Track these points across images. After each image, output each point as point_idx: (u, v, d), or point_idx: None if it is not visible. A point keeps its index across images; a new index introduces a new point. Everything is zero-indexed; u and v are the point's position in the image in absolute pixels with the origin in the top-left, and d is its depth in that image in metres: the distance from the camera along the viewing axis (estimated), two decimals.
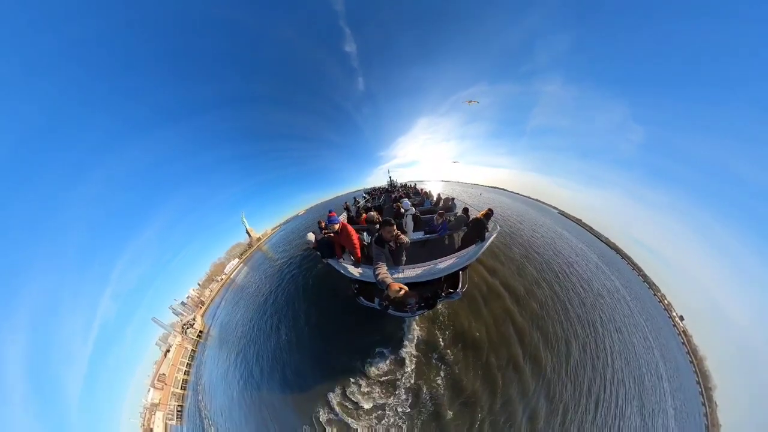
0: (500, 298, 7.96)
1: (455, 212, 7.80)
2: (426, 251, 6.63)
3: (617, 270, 14.65)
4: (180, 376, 20.63)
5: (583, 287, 9.70)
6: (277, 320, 10.35)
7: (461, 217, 6.14)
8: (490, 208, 5.17)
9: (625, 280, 13.56)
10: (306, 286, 11.97)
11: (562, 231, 19.00)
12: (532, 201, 50.32)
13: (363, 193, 21.58)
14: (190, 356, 22.37)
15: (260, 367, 8.63)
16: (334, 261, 5.22)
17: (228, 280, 41.50)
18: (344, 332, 7.96)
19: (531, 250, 11.83)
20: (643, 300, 12.47)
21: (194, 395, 12.74)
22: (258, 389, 7.89)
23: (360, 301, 6.01)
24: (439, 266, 4.69)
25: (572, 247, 14.52)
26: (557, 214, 36.29)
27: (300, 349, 8.14)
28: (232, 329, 13.24)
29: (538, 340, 6.75)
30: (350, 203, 11.40)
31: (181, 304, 42.49)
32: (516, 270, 9.80)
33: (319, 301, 10.08)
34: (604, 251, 19.63)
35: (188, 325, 30.38)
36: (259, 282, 17.37)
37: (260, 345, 9.66)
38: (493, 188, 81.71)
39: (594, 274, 11.30)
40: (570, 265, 11.38)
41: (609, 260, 16.02)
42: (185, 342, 26.52)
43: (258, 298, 13.98)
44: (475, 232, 5.12)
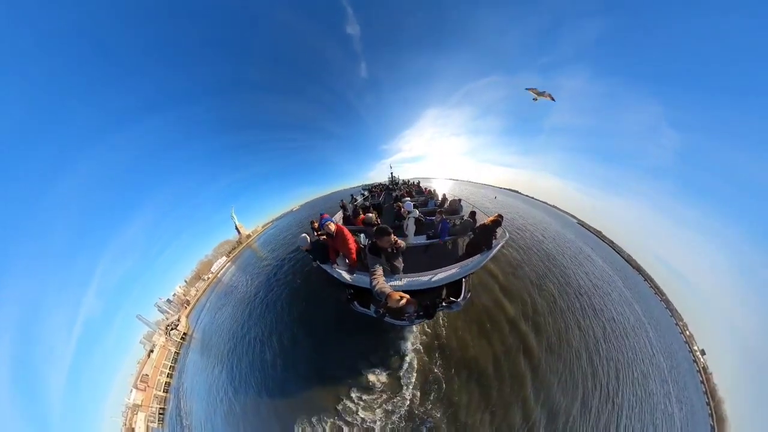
0: (513, 324, 7.74)
1: (461, 215, 7.79)
2: (427, 257, 6.64)
3: (639, 293, 14.19)
4: (163, 379, 21.49)
5: (607, 320, 9.33)
6: (264, 326, 10.38)
7: (467, 222, 6.13)
8: (500, 214, 5.13)
9: (647, 305, 13.05)
10: (297, 290, 12.01)
11: (587, 248, 18.35)
12: (549, 207, 49.26)
13: (361, 189, 21.55)
14: (174, 359, 22.89)
15: (244, 375, 8.69)
16: (328, 266, 5.23)
17: (215, 279, 41.80)
18: (337, 341, 7.97)
19: (554, 270, 11.47)
20: (663, 329, 12.15)
21: (176, 400, 13.17)
22: (242, 400, 7.94)
23: (354, 307, 6.03)
24: (441, 275, 4.71)
25: (597, 270, 14.09)
26: (576, 224, 35.50)
27: (288, 358, 8.16)
28: (216, 334, 13.29)
29: (552, 375, 6.59)
30: (347, 201, 11.41)
31: (167, 301, 43.13)
32: (536, 290, 9.56)
33: (311, 306, 10.09)
34: (626, 271, 19.05)
35: (172, 326, 30.82)
36: (247, 283, 17.38)
37: (245, 352, 9.72)
38: (505, 190, 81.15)
39: (618, 305, 10.89)
40: (595, 292, 11.06)
41: (631, 283, 15.46)
42: (168, 344, 27.05)
43: (245, 301, 14.01)
44: (482, 239, 5.11)
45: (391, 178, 24.70)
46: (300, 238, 5.36)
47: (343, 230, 4.66)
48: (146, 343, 30.68)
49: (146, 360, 26.58)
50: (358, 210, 8.10)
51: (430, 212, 8.43)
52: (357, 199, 13.38)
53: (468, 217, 6.44)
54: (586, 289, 10.90)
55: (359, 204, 11.48)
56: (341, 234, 4.65)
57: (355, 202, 12.36)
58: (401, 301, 2.29)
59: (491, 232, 5.12)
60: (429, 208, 9.38)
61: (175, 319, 32.56)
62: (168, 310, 40.58)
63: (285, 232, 33.76)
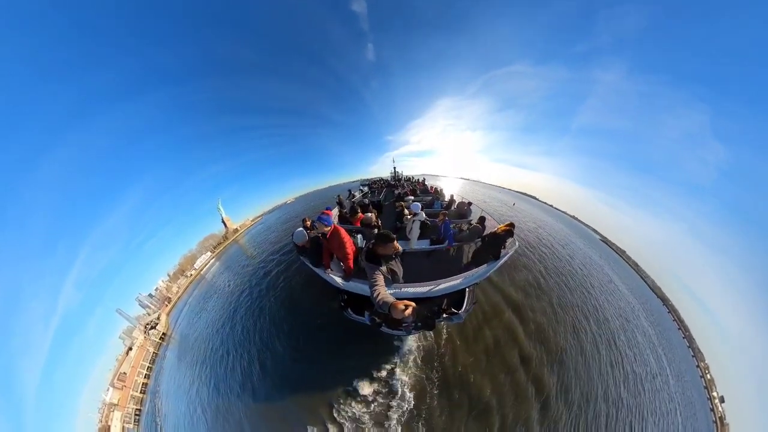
0: (527, 353, 7.57)
1: (469, 220, 7.72)
2: (429, 263, 6.60)
3: (662, 330, 13.80)
4: (140, 380, 22.37)
5: (627, 360, 9.15)
6: (248, 331, 10.36)
7: (476, 228, 6.05)
8: (512, 222, 5.06)
9: (669, 345, 12.74)
10: (285, 292, 11.97)
11: (612, 273, 17.78)
12: (568, 218, 49.00)
13: (360, 184, 21.43)
14: (152, 359, 23.29)
15: (224, 382, 8.69)
16: (321, 271, 5.17)
17: (198, 276, 42.14)
18: (327, 352, 7.93)
19: (584, 304, 11.23)
20: (681, 367, 12.03)
21: (153, 402, 13.45)
22: (221, 407, 7.96)
23: (348, 314, 5.99)
24: (444, 284, 4.65)
25: (623, 303, 13.76)
26: (599, 241, 34.90)
27: (272, 366, 8.14)
28: (196, 337, 13.31)
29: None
30: (344, 196, 11.29)
31: (149, 296, 43.73)
32: (552, 316, 9.38)
33: (300, 311, 10.04)
34: (650, 300, 18.57)
35: (151, 324, 31.16)
36: (231, 283, 17.37)
37: (226, 357, 9.71)
38: (521, 194, 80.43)
39: (642, 345, 10.69)
40: (621, 331, 10.79)
41: (655, 317, 14.87)
42: (147, 343, 27.43)
43: (229, 303, 13.99)
44: (490, 248, 5.05)
45: (393, 173, 24.54)
46: (295, 233, 5.18)
47: (340, 231, 4.40)
48: (126, 339, 32.10)
49: (125, 357, 27.57)
50: (356, 207, 7.99)
51: (435, 214, 8.35)
52: (355, 195, 13.24)
53: (477, 222, 6.36)
54: (614, 328, 10.53)
55: (357, 201, 11.36)
56: (338, 235, 4.39)
57: (352, 199, 12.24)
58: (407, 311, 2.20)
59: (501, 242, 5.05)
60: (434, 210, 9.28)
61: (155, 317, 32.90)
62: (149, 305, 41.26)
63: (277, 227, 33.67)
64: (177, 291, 42.37)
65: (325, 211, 4.79)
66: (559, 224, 29.94)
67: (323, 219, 4.32)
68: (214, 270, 30.09)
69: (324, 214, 4.39)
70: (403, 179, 23.49)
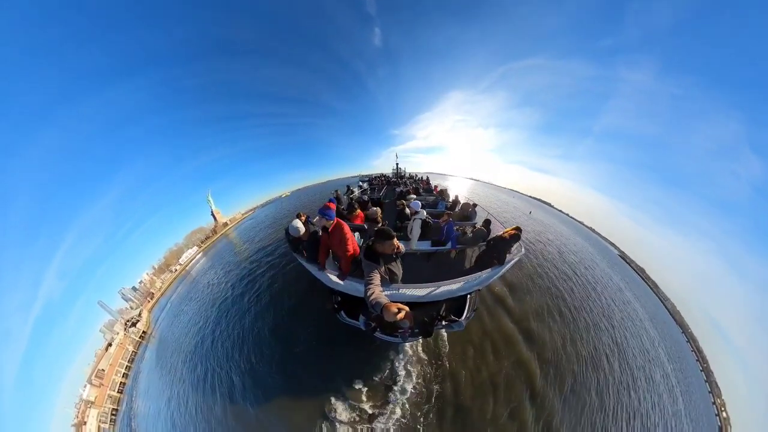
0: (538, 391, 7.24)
1: (474, 222, 7.77)
2: (430, 266, 6.64)
3: (678, 361, 13.31)
4: (118, 379, 22.81)
5: (644, 406, 8.75)
6: (234, 332, 10.38)
7: (481, 231, 6.10)
8: (519, 227, 5.10)
9: (686, 382, 12.30)
10: (277, 292, 11.99)
11: (634, 300, 16.89)
12: (585, 229, 48.46)
13: (359, 180, 21.46)
14: (130, 358, 23.48)
15: (206, 385, 8.72)
16: (315, 269, 5.19)
17: (183, 272, 42.38)
18: (317, 355, 7.97)
19: (606, 338, 10.82)
20: (699, 409, 11.76)
21: (129, 403, 13.65)
22: (201, 412, 7.99)
23: (341, 317, 6.02)
24: (444, 288, 4.68)
25: (646, 334, 13.30)
26: (616, 256, 34.12)
27: (258, 372, 8.12)
28: (177, 337, 13.36)
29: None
30: (342, 192, 11.33)
31: (132, 289, 44.12)
32: (572, 353, 8.98)
33: (290, 312, 10.05)
34: (668, 327, 17.74)
35: (132, 321, 31.33)
36: (219, 280, 17.41)
37: (209, 359, 9.75)
38: (534, 200, 79.13)
39: (659, 385, 10.25)
40: (642, 366, 10.45)
41: (674, 349, 14.04)
42: (127, 341, 27.63)
43: (214, 302, 14.02)
44: (495, 252, 5.08)
45: (396, 169, 24.57)
46: (291, 225, 5.16)
47: (343, 226, 4.31)
48: (106, 333, 32.85)
49: (104, 353, 28.11)
50: (354, 204, 8.04)
51: (438, 215, 8.39)
52: (354, 191, 13.30)
53: (482, 225, 6.40)
54: (634, 367, 10.06)
55: (356, 197, 11.41)
56: (341, 230, 4.27)
57: (351, 195, 12.29)
58: (399, 314, 2.18)
59: (507, 247, 5.09)
60: (437, 210, 9.33)
61: (136, 313, 33.10)
62: (132, 298, 41.78)
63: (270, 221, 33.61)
64: (161, 286, 42.51)
65: (327, 203, 4.66)
66: (578, 238, 29.08)
67: (325, 212, 4.21)
68: (200, 266, 30.10)
69: (326, 207, 4.30)
70: (406, 176, 23.53)
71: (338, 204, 9.58)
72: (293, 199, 64.76)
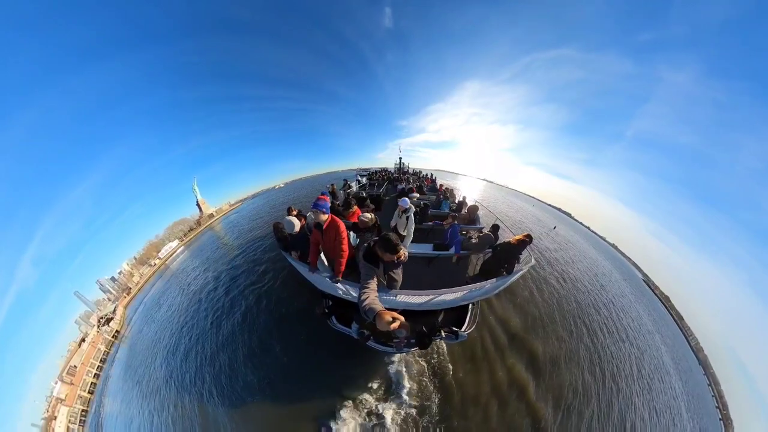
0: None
1: (480, 227, 7.81)
2: (431, 272, 6.67)
3: (698, 414, 12.40)
4: (89, 379, 23.41)
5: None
6: (215, 336, 10.43)
7: (487, 237, 6.12)
8: (529, 234, 5.13)
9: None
10: (265, 292, 12.01)
11: (660, 342, 15.67)
12: (607, 245, 47.83)
13: (358, 174, 21.45)
14: (102, 359, 23.77)
15: (182, 391, 8.79)
16: (305, 269, 5.22)
17: (162, 266, 42.61)
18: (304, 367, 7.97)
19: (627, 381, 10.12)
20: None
21: (99, 407, 13.88)
22: (175, 421, 8.09)
23: (332, 323, 6.04)
24: (444, 297, 4.70)
25: (668, 386, 12.20)
26: (640, 280, 33.11)
27: (238, 382, 8.13)
28: (152, 338, 13.53)
29: None
30: (338, 186, 11.36)
31: (111, 279, 44.59)
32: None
33: (276, 318, 10.07)
34: (691, 368, 16.71)
35: (106, 319, 31.59)
36: (200, 277, 17.51)
37: (186, 364, 9.83)
38: (553, 208, 77.79)
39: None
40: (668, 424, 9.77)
41: (696, 402, 13.15)
42: (99, 339, 27.93)
43: (194, 301, 14.11)
44: (503, 260, 5.12)
45: (399, 164, 24.54)
46: (286, 220, 5.13)
47: (339, 223, 4.25)
48: (82, 324, 33.58)
49: (77, 349, 28.90)
50: (351, 200, 8.07)
51: (442, 216, 8.42)
52: (351, 186, 13.32)
53: (489, 230, 6.43)
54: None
55: (353, 193, 11.43)
56: (336, 227, 4.20)
57: (348, 190, 12.32)
58: (393, 324, 2.16)
59: (516, 255, 5.12)
60: (441, 212, 9.36)
61: (111, 310, 33.34)
62: (111, 289, 42.25)
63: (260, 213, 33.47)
64: (138, 281, 42.74)
65: (321, 196, 4.53)
66: (606, 262, 27.28)
67: (320, 205, 4.12)
68: (181, 261, 30.21)
69: (321, 200, 4.21)
70: (409, 173, 23.53)
71: (333, 199, 9.60)
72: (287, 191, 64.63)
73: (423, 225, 8.03)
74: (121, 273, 46.66)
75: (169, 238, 58.26)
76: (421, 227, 8.03)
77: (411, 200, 9.05)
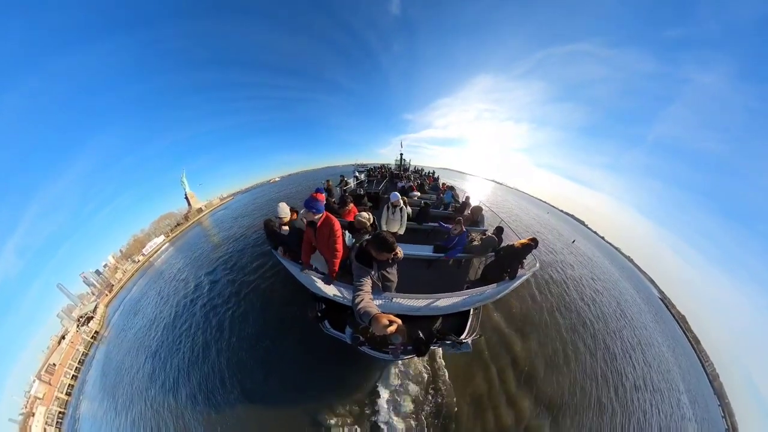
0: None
1: (483, 229, 7.81)
2: (430, 274, 6.67)
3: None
4: (66, 381, 23.74)
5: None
6: (198, 341, 10.34)
7: (490, 239, 6.12)
8: (535, 237, 5.13)
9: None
10: (248, 293, 11.90)
11: (680, 380, 14.47)
12: (619, 256, 47.16)
13: (356, 170, 21.41)
14: (81, 360, 23.82)
15: (161, 400, 8.78)
16: (297, 269, 5.18)
17: (146, 263, 42.64)
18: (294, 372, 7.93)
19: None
20: None
21: (76, 411, 13.99)
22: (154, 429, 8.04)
23: (325, 328, 6.00)
24: (444, 301, 4.70)
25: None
26: (657, 299, 32.08)
27: (220, 398, 7.99)
28: (132, 341, 13.51)
29: None
30: (334, 183, 11.31)
31: (96, 272, 44.63)
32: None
33: (265, 322, 10.01)
34: (711, 408, 15.92)
35: (86, 318, 31.54)
36: (186, 277, 17.43)
37: (167, 369, 9.80)
38: (565, 214, 76.32)
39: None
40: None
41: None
42: (78, 340, 27.95)
43: (178, 303, 14.06)
44: (506, 264, 5.11)
45: (399, 161, 24.51)
46: (279, 208, 5.13)
47: (333, 221, 4.23)
48: (64, 318, 34.00)
49: (56, 347, 29.39)
50: (347, 198, 8.04)
51: (446, 218, 8.43)
52: (348, 183, 13.28)
53: (493, 232, 6.43)
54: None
55: (349, 189, 11.40)
56: (330, 225, 4.18)
57: (345, 186, 12.28)
58: (390, 327, 2.15)
59: (520, 259, 5.11)
60: (442, 212, 9.37)
61: (91, 308, 33.29)
62: (95, 283, 42.31)
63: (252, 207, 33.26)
64: (121, 278, 42.61)
65: (314, 194, 4.51)
66: (627, 283, 25.43)
67: (312, 204, 4.10)
68: (166, 258, 30.08)
69: (314, 199, 4.18)
70: (410, 170, 23.52)
71: (329, 196, 9.57)
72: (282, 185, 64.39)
73: (423, 226, 8.01)
74: (107, 266, 46.73)
75: (155, 233, 58.14)
76: (421, 228, 8.01)
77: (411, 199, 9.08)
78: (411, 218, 7.60)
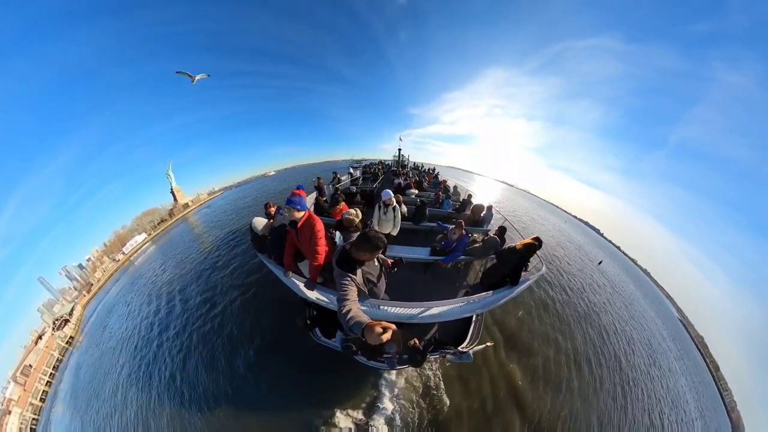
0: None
1: (487, 230, 7.71)
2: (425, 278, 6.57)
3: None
4: (41, 387, 23.85)
5: None
6: (180, 348, 10.30)
7: (492, 240, 6.01)
8: (538, 237, 4.98)
9: None
10: (246, 299, 11.83)
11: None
12: (641, 273, 46.80)
13: (351, 165, 21.22)
14: (55, 365, 24.08)
15: (139, 411, 8.69)
16: (281, 272, 5.06)
17: (126, 262, 42.49)
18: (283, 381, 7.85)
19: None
20: None
21: (49, 418, 14.13)
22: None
23: (315, 336, 5.92)
24: (441, 308, 4.58)
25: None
26: (676, 319, 30.84)
27: (205, 408, 7.88)
28: (107, 350, 13.52)
29: None
30: (324, 180, 11.16)
31: (79, 267, 44.57)
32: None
33: (251, 329, 9.91)
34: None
35: (62, 320, 31.54)
36: (168, 278, 17.35)
37: (144, 379, 9.78)
38: (579, 221, 75.02)
39: None
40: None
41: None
42: (53, 344, 28.06)
43: (158, 307, 14.01)
44: (509, 267, 4.99)
45: (398, 157, 24.40)
46: (255, 219, 5.18)
47: (315, 220, 4.16)
48: (44, 313, 34.99)
49: (33, 347, 29.85)
50: (339, 196, 7.90)
51: (446, 218, 8.33)
52: (341, 180, 13.13)
53: (495, 233, 6.32)
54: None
55: (342, 187, 11.25)
56: (311, 225, 4.11)
57: (337, 184, 12.14)
58: (384, 335, 2.07)
59: (523, 261, 4.98)
60: (442, 212, 9.26)
61: (68, 311, 33.40)
62: (78, 277, 42.48)
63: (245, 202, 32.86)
64: (100, 277, 42.43)
65: (295, 191, 4.41)
66: (652, 311, 22.59)
67: (294, 202, 4.04)
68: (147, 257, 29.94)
69: (295, 196, 4.12)
70: (409, 167, 23.39)
71: (319, 194, 9.42)
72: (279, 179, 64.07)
73: (420, 226, 7.90)
74: (90, 260, 46.90)
75: (138, 230, 57.81)
76: (417, 228, 7.89)
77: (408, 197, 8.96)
78: (407, 218, 7.48)
